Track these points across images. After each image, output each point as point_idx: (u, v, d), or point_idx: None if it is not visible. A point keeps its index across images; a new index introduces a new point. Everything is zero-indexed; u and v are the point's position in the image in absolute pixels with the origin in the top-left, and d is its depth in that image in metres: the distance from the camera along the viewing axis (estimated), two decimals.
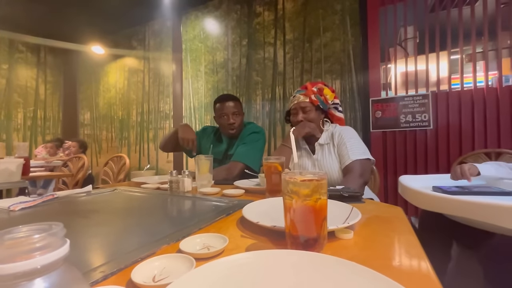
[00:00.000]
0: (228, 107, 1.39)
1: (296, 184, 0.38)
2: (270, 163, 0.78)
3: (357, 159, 1.01)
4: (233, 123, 1.39)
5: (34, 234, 0.14)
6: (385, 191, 2.03)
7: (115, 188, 1.05)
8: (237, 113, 1.40)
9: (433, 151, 1.90)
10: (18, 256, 0.13)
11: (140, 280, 0.30)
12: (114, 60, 3.81)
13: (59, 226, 0.15)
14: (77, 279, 0.15)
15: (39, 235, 0.14)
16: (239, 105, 1.43)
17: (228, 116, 1.39)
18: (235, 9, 2.77)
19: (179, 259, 0.36)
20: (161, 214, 0.71)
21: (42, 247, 0.14)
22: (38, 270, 0.13)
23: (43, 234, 0.14)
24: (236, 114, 1.40)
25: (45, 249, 0.14)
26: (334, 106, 1.23)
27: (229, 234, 0.47)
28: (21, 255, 0.13)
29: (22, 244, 0.14)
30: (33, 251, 0.13)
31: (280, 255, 0.32)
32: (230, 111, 1.39)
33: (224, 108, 1.39)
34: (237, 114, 1.41)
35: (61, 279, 0.14)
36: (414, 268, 0.36)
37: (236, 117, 1.40)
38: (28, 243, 0.14)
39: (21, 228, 0.15)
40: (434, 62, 1.94)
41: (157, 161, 3.32)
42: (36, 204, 0.76)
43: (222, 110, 1.40)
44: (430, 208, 0.67)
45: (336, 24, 2.24)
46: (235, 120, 1.39)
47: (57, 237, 0.15)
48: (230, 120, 1.38)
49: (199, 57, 3.01)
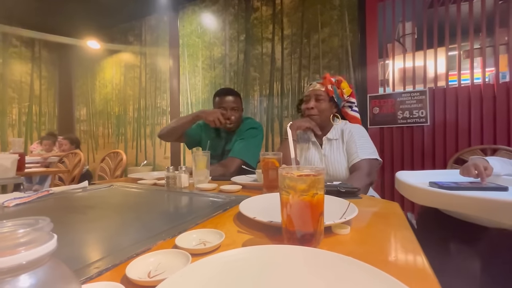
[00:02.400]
0: (227, 102, 1.37)
1: (293, 179, 0.38)
2: (267, 158, 0.78)
3: (365, 158, 0.99)
4: (231, 118, 1.37)
5: (19, 229, 0.14)
6: (382, 187, 2.04)
7: (112, 184, 1.04)
8: (236, 108, 1.39)
9: (430, 147, 1.91)
10: (2, 251, 0.13)
11: (135, 276, 0.30)
12: (110, 55, 3.76)
13: (46, 220, 0.15)
14: (65, 275, 0.15)
15: (24, 230, 0.13)
16: (238, 100, 1.41)
17: (226, 111, 1.37)
18: (233, 4, 2.74)
19: (174, 254, 0.35)
20: (158, 210, 0.70)
21: (27, 242, 0.13)
22: (23, 265, 0.13)
23: (28, 229, 0.14)
24: (234, 110, 1.38)
25: (30, 244, 0.13)
26: (349, 105, 1.20)
27: (226, 229, 0.47)
28: (5, 250, 0.13)
29: (6, 239, 0.13)
30: (18, 246, 0.13)
31: (277, 250, 0.32)
32: (229, 105, 1.37)
33: (223, 102, 1.38)
34: (236, 109, 1.39)
35: (48, 275, 0.14)
36: (410, 263, 0.36)
37: (235, 112, 1.38)
38: (13, 238, 0.13)
39: (5, 223, 0.15)
40: (432, 58, 1.94)
41: (154, 157, 3.30)
42: (31, 200, 0.75)
43: (221, 104, 1.38)
44: (427, 203, 0.67)
45: (334, 20, 2.22)
46: (233, 115, 1.37)
47: (43, 232, 0.14)
48: (228, 115, 1.36)
49: (196, 52, 2.98)
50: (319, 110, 1.11)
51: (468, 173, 0.79)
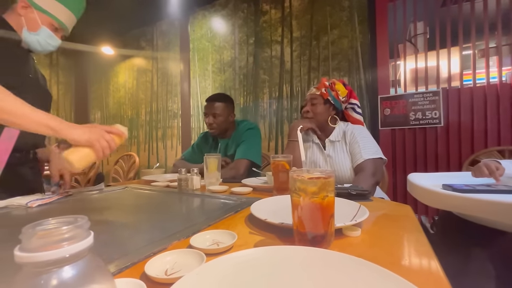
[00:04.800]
0: (210, 107, 1.44)
1: (304, 182, 0.39)
2: (277, 161, 0.79)
3: (369, 158, 1.00)
4: (211, 124, 1.44)
5: (62, 226, 0.15)
6: (393, 190, 2.01)
7: (126, 186, 1.07)
8: (218, 115, 1.43)
9: (444, 149, 1.87)
10: (49, 245, 0.14)
11: (153, 274, 0.32)
12: (123, 61, 3.87)
13: (84, 219, 0.17)
14: (100, 267, 0.17)
15: (67, 227, 0.15)
16: (223, 107, 1.45)
17: (209, 116, 1.44)
18: (242, 7, 2.77)
19: (190, 254, 0.37)
20: (171, 211, 0.73)
21: (70, 237, 0.15)
22: (66, 258, 0.15)
23: (71, 226, 0.15)
24: (216, 116, 1.43)
25: (72, 239, 0.15)
26: (351, 107, 1.20)
27: (238, 231, 0.48)
28: (51, 244, 0.14)
29: (53, 234, 0.15)
30: (62, 241, 0.15)
31: (289, 251, 0.33)
32: (211, 111, 1.43)
33: (207, 107, 1.46)
34: (218, 115, 1.43)
35: (86, 267, 0.16)
36: (423, 266, 0.36)
37: (216, 118, 1.43)
38: (57, 234, 0.15)
39: (50, 221, 0.16)
40: (445, 58, 1.90)
41: (165, 159, 3.36)
42: (51, 201, 0.79)
43: (206, 109, 1.47)
44: (440, 206, 0.66)
45: (344, 21, 2.22)
46: (214, 121, 1.43)
47: (82, 229, 0.16)
48: (209, 120, 1.44)
49: (207, 56, 3.03)
50: (314, 113, 1.15)
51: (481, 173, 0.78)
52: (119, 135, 0.78)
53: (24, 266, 0.15)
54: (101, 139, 0.69)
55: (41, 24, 0.87)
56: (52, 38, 0.90)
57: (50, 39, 0.90)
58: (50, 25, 0.89)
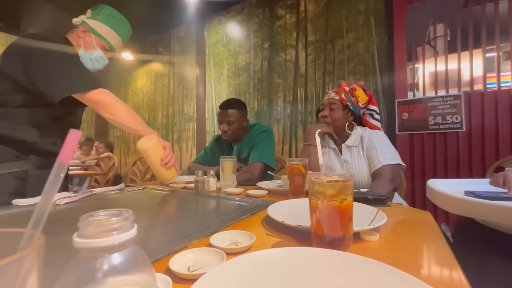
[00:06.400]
0: (224, 115, 1.45)
1: (322, 185, 0.39)
2: (293, 164, 0.80)
3: (387, 164, 0.98)
4: (226, 131, 1.45)
5: (111, 217, 0.17)
6: (412, 196, 1.95)
7: (145, 187, 1.11)
8: (232, 122, 1.44)
9: (466, 154, 1.79)
10: (101, 233, 0.16)
11: (177, 270, 0.33)
12: (142, 66, 4.01)
13: (129, 212, 0.18)
14: (143, 256, 0.18)
15: (116, 218, 0.17)
16: (236, 114, 1.46)
17: (223, 123, 1.46)
18: (257, 13, 2.81)
19: (210, 252, 0.38)
20: (189, 212, 0.75)
21: (118, 228, 0.17)
22: (115, 246, 0.16)
23: (119, 217, 0.17)
24: (230, 123, 1.44)
25: (120, 229, 0.17)
26: (370, 113, 1.18)
27: (255, 232, 0.49)
28: (103, 233, 0.16)
29: (103, 224, 0.17)
30: (112, 230, 0.17)
31: (309, 252, 0.33)
32: (224, 119, 1.45)
33: (221, 115, 1.47)
34: (232, 122, 1.44)
35: (132, 255, 0.17)
36: (443, 272, 0.35)
37: (230, 125, 1.45)
38: (108, 224, 0.17)
39: (100, 212, 0.18)
40: (467, 61, 1.83)
41: (181, 161, 3.44)
42: (77, 199, 0.83)
43: (219, 117, 1.48)
44: (461, 212, 0.64)
45: (360, 25, 2.19)
46: (228, 128, 1.45)
47: (128, 221, 0.18)
48: (223, 127, 1.45)
49: (222, 60, 3.08)
50: (333, 118, 1.13)
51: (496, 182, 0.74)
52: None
53: (81, 251, 0.17)
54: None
55: (96, 46, 1.03)
56: (102, 59, 1.08)
57: (100, 59, 1.08)
58: (102, 47, 1.06)
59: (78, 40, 1.02)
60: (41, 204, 0.15)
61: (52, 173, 0.17)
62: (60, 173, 0.17)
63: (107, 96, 0.94)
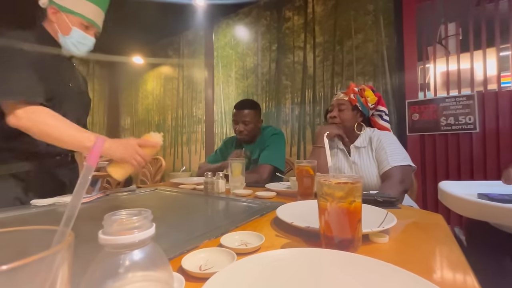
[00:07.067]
0: (240, 115, 1.46)
1: (331, 187, 0.40)
2: (301, 166, 0.80)
3: (397, 165, 0.97)
4: (242, 131, 1.46)
5: (132, 216, 0.18)
6: (423, 198, 1.91)
7: (156, 188, 1.13)
8: (248, 122, 1.46)
9: (480, 156, 1.75)
10: (123, 231, 0.17)
11: (189, 268, 0.34)
12: (152, 69, 4.09)
13: (148, 212, 0.20)
14: (161, 253, 0.19)
15: (137, 217, 0.18)
16: (252, 114, 1.47)
17: (239, 124, 1.46)
18: (265, 15, 2.82)
19: (221, 252, 0.39)
20: (199, 212, 0.76)
21: (139, 226, 0.18)
22: (136, 243, 0.18)
23: (140, 216, 0.18)
24: (246, 123, 1.45)
25: (140, 228, 0.18)
26: (379, 114, 1.18)
27: (264, 233, 0.50)
28: (124, 231, 0.17)
29: (125, 223, 0.18)
30: (133, 228, 0.18)
31: (318, 253, 0.34)
32: (241, 119, 1.45)
33: (237, 115, 1.48)
34: (248, 122, 1.46)
35: (151, 252, 0.18)
36: (455, 275, 0.35)
37: (246, 125, 1.46)
38: (129, 222, 0.18)
39: (121, 212, 0.20)
40: (480, 60, 1.79)
41: (190, 163, 3.48)
42: (92, 200, 0.86)
43: (235, 117, 1.49)
44: (474, 215, 0.63)
45: (369, 25, 2.18)
46: (245, 128, 1.46)
47: (148, 220, 0.19)
48: (239, 127, 1.46)
49: (230, 63, 3.11)
50: (341, 119, 1.13)
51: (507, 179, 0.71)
52: (153, 147, 0.83)
53: (105, 247, 0.18)
54: (135, 155, 0.77)
55: (71, 26, 0.86)
56: (85, 38, 0.90)
57: (83, 39, 0.90)
58: (81, 25, 0.88)
59: (52, 26, 0.88)
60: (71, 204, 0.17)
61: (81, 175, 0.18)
62: (88, 175, 0.18)
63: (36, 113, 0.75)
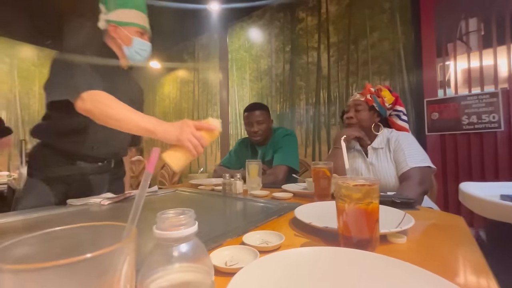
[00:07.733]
0: (252, 116, 1.49)
1: (349, 189, 0.41)
2: (318, 168, 0.81)
3: (416, 166, 0.96)
4: (257, 131, 1.49)
5: (179, 215, 0.21)
6: (445, 200, 1.85)
7: (176, 189, 1.18)
8: (261, 122, 1.49)
9: (506, 155, 1.67)
10: (172, 227, 0.20)
11: (216, 263, 0.37)
12: (168, 73, 4.21)
13: (191, 211, 0.23)
14: (202, 247, 0.22)
15: (183, 215, 0.21)
16: (264, 114, 1.51)
17: (253, 124, 1.49)
18: (278, 17, 2.84)
19: (244, 250, 0.42)
20: (219, 212, 0.79)
21: (185, 223, 0.21)
22: (183, 238, 0.21)
23: (185, 215, 0.21)
24: (260, 123, 1.48)
25: (186, 225, 0.21)
26: (396, 114, 1.17)
27: (283, 232, 0.52)
28: (173, 227, 0.20)
29: (173, 220, 0.21)
30: (180, 225, 0.21)
31: (337, 251, 0.36)
32: (255, 119, 1.48)
33: (250, 117, 1.51)
34: (261, 122, 1.49)
35: (194, 246, 0.21)
36: (474, 277, 0.36)
37: (260, 125, 1.49)
38: (177, 220, 0.21)
39: (168, 211, 0.23)
40: (505, 56, 1.71)
41: (206, 164, 3.55)
42: (118, 200, 0.91)
43: (248, 119, 1.52)
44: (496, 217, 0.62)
45: (385, 23, 2.14)
46: (259, 128, 1.48)
47: (191, 218, 0.22)
48: (254, 128, 1.48)
49: (244, 65, 3.15)
50: (358, 119, 1.13)
51: None
52: (210, 130, 0.79)
53: (158, 240, 0.21)
54: (191, 137, 0.73)
55: (131, 36, 0.96)
56: (144, 44, 1.00)
57: (142, 45, 1.00)
58: (137, 33, 0.98)
59: (115, 42, 0.98)
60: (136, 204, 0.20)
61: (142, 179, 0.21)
62: (147, 180, 0.21)
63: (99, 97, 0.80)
